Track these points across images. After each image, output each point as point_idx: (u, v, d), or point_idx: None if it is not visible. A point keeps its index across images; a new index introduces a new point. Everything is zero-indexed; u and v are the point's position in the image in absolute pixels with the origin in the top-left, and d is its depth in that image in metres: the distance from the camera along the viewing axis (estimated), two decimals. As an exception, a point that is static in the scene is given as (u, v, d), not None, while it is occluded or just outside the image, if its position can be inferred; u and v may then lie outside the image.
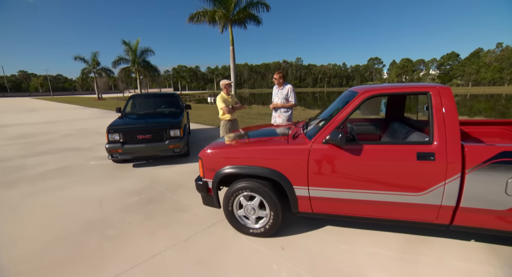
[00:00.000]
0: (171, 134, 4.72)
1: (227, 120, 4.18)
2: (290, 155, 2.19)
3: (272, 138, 2.61)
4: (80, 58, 36.17)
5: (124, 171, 4.51)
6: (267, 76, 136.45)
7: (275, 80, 4.22)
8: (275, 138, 2.55)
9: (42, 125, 10.70)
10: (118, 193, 3.57)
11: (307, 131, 2.47)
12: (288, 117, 4.27)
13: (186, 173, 4.37)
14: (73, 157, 5.46)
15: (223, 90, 4.20)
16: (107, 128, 4.52)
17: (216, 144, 2.65)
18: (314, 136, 2.18)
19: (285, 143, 2.29)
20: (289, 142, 2.29)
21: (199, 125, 9.82)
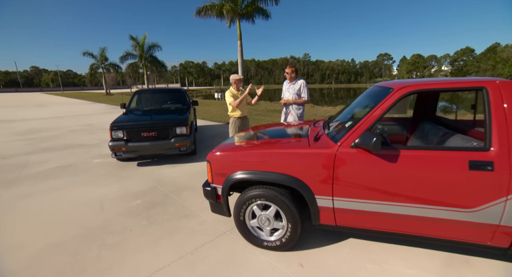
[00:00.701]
0: (177, 132, 4.47)
1: (237, 117, 3.89)
2: (313, 160, 1.89)
3: (290, 139, 2.30)
4: (88, 54, 36.34)
5: (128, 170, 4.30)
6: (274, 72, 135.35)
7: (286, 75, 3.89)
8: (293, 140, 2.24)
9: (50, 120, 10.66)
10: (120, 195, 3.35)
11: (330, 131, 2.17)
12: (300, 114, 3.94)
13: (193, 173, 4.13)
14: (77, 155, 5.29)
15: (232, 86, 3.91)
16: (110, 125, 4.30)
17: (226, 145, 2.38)
18: (340, 139, 1.87)
19: (306, 146, 1.99)
20: (310, 145, 1.99)
21: (207, 122, 9.58)
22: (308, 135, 2.26)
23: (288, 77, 3.90)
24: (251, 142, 2.37)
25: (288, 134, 2.59)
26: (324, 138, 2.07)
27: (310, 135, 2.24)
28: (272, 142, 2.24)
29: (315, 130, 2.43)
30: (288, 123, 3.22)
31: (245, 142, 2.40)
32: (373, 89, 2.36)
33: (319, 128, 2.47)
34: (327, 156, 1.85)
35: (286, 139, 2.32)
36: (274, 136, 2.52)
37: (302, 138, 2.18)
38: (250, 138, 2.52)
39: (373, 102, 1.98)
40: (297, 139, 2.23)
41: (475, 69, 70.88)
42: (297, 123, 3.21)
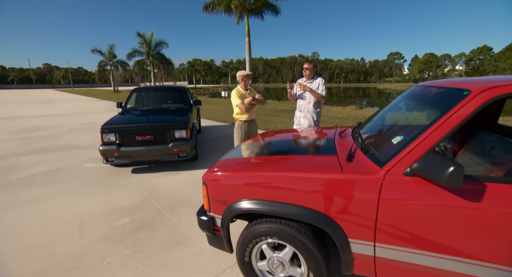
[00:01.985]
0: (176, 136, 3.97)
1: (243, 121, 3.36)
2: (347, 190, 1.34)
3: (313, 157, 1.73)
4: (97, 51, 36.45)
5: (120, 178, 3.83)
6: (282, 70, 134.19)
7: (306, 71, 3.33)
8: (318, 158, 1.68)
9: (52, 118, 10.39)
10: (106, 211, 2.87)
11: (367, 147, 1.61)
12: (316, 118, 3.38)
13: (192, 183, 3.62)
14: (69, 157, 4.87)
15: (240, 83, 3.37)
16: (101, 127, 3.83)
17: (228, 161, 1.84)
18: (388, 162, 1.31)
19: (336, 168, 1.44)
20: (343, 167, 1.44)
21: (212, 122, 9.09)
22: (337, 151, 1.71)
23: (307, 74, 3.34)
24: (261, 157, 1.82)
25: (309, 148, 2.02)
26: (360, 158, 1.51)
27: (340, 151, 1.69)
28: (289, 160, 1.69)
29: (344, 142, 1.87)
30: (305, 130, 2.66)
31: (253, 158, 1.85)
32: (423, 90, 1.79)
33: (348, 140, 1.91)
34: (369, 186, 1.30)
35: (307, 156, 1.75)
36: (291, 150, 1.96)
37: (330, 156, 1.63)
38: (259, 151, 1.97)
39: (433, 109, 1.42)
40: (323, 156, 1.67)
41: (493, 68, 68.12)
42: (316, 130, 2.64)
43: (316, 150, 1.86)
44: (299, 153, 1.80)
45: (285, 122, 8.57)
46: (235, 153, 2.02)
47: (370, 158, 1.46)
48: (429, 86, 1.74)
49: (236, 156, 1.91)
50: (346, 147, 1.75)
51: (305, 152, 1.86)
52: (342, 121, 8.80)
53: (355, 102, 28.65)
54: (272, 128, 7.50)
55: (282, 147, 2.05)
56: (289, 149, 1.97)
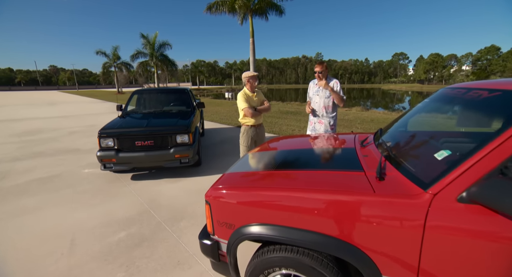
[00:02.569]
0: (177, 140, 3.75)
1: (250, 126, 3.12)
2: (382, 216, 1.09)
3: (336, 172, 1.46)
4: (101, 53, 36.67)
5: (119, 186, 3.61)
6: (286, 71, 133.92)
7: (319, 76, 3.07)
8: (341, 174, 1.42)
9: (54, 120, 10.27)
10: (102, 223, 2.65)
11: (396, 160, 1.36)
12: (333, 123, 3.13)
13: (195, 192, 3.39)
14: (67, 162, 4.68)
15: (246, 85, 3.13)
16: (98, 132, 3.62)
17: (234, 176, 1.60)
18: (434, 183, 1.05)
19: (366, 188, 1.19)
20: (374, 187, 1.18)
21: (215, 124, 8.87)
22: (362, 165, 1.45)
23: (320, 77, 3.08)
24: (274, 172, 1.55)
25: (329, 160, 1.76)
26: (394, 176, 1.25)
27: (366, 165, 1.43)
28: (307, 176, 1.44)
29: (368, 154, 1.61)
30: (320, 137, 2.40)
31: (265, 172, 1.59)
32: (464, 94, 1.52)
33: (373, 151, 1.66)
34: (411, 214, 1.04)
35: (328, 171, 1.47)
36: (308, 163, 1.71)
37: (355, 172, 1.37)
38: (271, 163, 1.71)
39: (492, 116, 1.17)
40: (347, 172, 1.40)
41: (501, 68, 66.94)
42: (332, 137, 2.37)
43: (338, 164, 1.59)
44: (318, 167, 1.54)
45: (291, 124, 8.32)
46: (242, 165, 1.77)
47: (407, 176, 1.20)
48: (471, 88, 1.47)
49: (244, 170, 1.67)
50: (373, 160, 1.50)
51: (325, 165, 1.60)
52: (350, 123, 8.51)
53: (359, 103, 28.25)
54: (278, 131, 7.26)
55: (297, 158, 1.79)
56: (306, 161, 1.70)
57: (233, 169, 1.74)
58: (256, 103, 3.14)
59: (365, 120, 9.36)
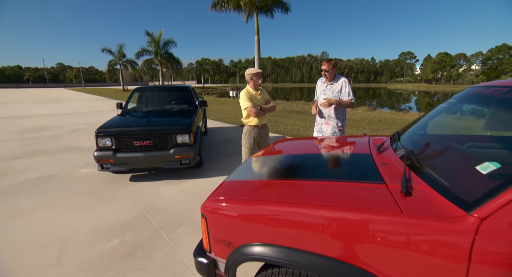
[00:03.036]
0: (177, 141, 3.58)
1: (253, 126, 2.93)
2: (412, 242, 0.89)
3: (352, 183, 1.24)
4: (107, 50, 36.82)
5: (117, 187, 3.46)
6: (291, 70, 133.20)
7: (325, 75, 2.86)
8: (359, 186, 1.20)
9: (57, 117, 10.24)
10: (95, 229, 2.49)
11: (423, 170, 1.15)
12: (341, 124, 2.92)
13: (196, 194, 3.22)
14: (66, 161, 4.56)
15: (249, 83, 2.94)
16: (96, 131, 3.48)
17: (234, 185, 1.41)
18: (482, 204, 0.85)
19: (391, 206, 0.98)
20: (400, 204, 0.98)
21: (219, 123, 8.71)
22: (382, 175, 1.25)
23: (326, 75, 2.87)
24: (280, 181, 1.36)
25: (343, 168, 1.55)
26: (424, 191, 1.05)
27: (387, 176, 1.23)
28: (319, 187, 1.23)
29: (388, 162, 1.41)
30: (329, 140, 2.19)
31: (270, 182, 1.39)
32: (506, 94, 1.30)
33: (392, 158, 1.45)
34: (452, 241, 0.84)
35: (343, 182, 1.27)
36: (319, 171, 1.51)
37: (375, 184, 1.17)
38: (277, 171, 1.50)
39: None
40: (366, 184, 1.19)
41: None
42: (343, 141, 2.16)
43: (353, 173, 1.38)
44: (331, 177, 1.34)
45: (296, 124, 8.10)
46: (244, 172, 1.58)
47: (441, 192, 1.00)
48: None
49: (246, 178, 1.48)
50: (394, 169, 1.29)
51: (338, 175, 1.39)
52: (357, 124, 8.26)
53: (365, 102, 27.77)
54: (283, 131, 7.05)
55: (306, 165, 1.59)
56: (316, 169, 1.50)
57: (233, 176, 1.55)
58: (260, 102, 2.94)
59: (373, 120, 9.08)
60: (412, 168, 1.24)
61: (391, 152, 1.55)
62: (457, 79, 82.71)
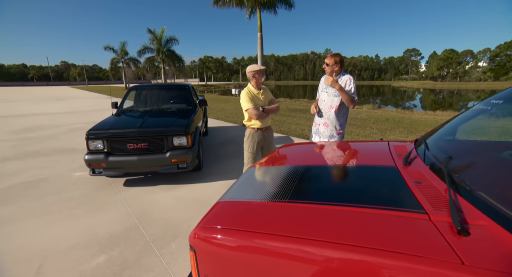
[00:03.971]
0: (174, 143, 3.34)
1: (256, 129, 2.66)
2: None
3: (380, 211, 0.93)
4: (109, 48, 36.68)
5: (109, 193, 3.23)
6: (294, 67, 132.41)
7: (326, 68, 2.56)
8: (391, 216, 0.91)
9: (57, 116, 10.07)
10: (80, 243, 2.25)
11: (483, 196, 0.88)
12: (339, 126, 2.61)
13: (193, 202, 2.98)
14: (59, 163, 4.35)
15: (251, 81, 2.67)
16: (86, 133, 3.24)
17: (232, 207, 1.14)
18: None
19: (446, 253, 0.72)
20: (458, 251, 0.71)
21: (220, 122, 8.45)
22: (419, 200, 0.97)
23: (328, 71, 2.58)
24: (287, 205, 1.07)
25: (367, 188, 1.21)
26: (486, 227, 0.78)
27: (426, 200, 0.96)
28: (336, 216, 0.96)
29: (422, 179, 1.13)
30: (346, 147, 1.91)
31: (275, 206, 1.10)
32: None
33: (426, 174, 1.17)
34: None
35: (367, 208, 0.96)
36: (336, 191, 1.20)
37: (412, 213, 0.89)
38: (283, 188, 1.22)
39: None
40: (400, 213, 0.90)
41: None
42: (363, 148, 1.88)
43: (380, 194, 1.08)
44: (352, 200, 1.05)
45: (300, 123, 7.81)
46: (244, 188, 1.32)
47: (511, 230, 0.73)
48: None
49: (247, 197, 1.21)
50: (432, 191, 1.02)
51: (362, 197, 1.08)
52: (363, 123, 7.94)
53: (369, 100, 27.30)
54: (286, 130, 6.77)
55: (321, 181, 1.30)
56: (333, 188, 1.22)
57: (231, 193, 1.29)
58: (262, 102, 2.67)
59: (379, 119, 8.76)
60: (456, 189, 0.97)
61: (422, 165, 1.28)
62: (463, 76, 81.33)
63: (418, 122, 8.30)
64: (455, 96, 37.80)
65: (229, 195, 1.27)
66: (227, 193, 1.31)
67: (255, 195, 1.19)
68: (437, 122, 8.33)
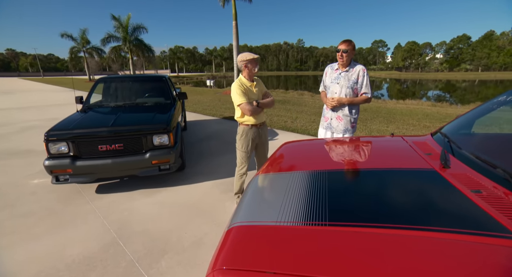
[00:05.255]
0: (154, 142, 2.95)
1: (250, 126, 2.39)
2: None
3: (452, 236, 0.72)
4: (67, 36, 33.21)
5: (79, 203, 2.78)
6: (267, 58, 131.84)
7: (341, 57, 2.36)
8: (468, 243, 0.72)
9: (7, 112, 8.80)
10: (44, 271, 1.85)
11: None
12: (354, 120, 2.48)
13: (179, 208, 2.66)
14: (12, 169, 3.71)
15: (242, 72, 2.37)
16: (45, 134, 2.72)
17: (254, 238, 0.87)
18: None
19: None
20: None
21: (198, 115, 7.99)
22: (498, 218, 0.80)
23: (342, 60, 2.37)
24: (329, 230, 0.80)
25: (414, 198, 1.00)
26: None
27: (503, 218, 0.78)
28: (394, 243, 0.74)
29: (478, 186, 0.96)
30: (357, 144, 1.72)
31: (313, 230, 0.83)
32: None
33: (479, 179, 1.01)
34: None
35: (437, 232, 0.75)
36: (383, 208, 0.96)
37: (500, 239, 0.72)
38: (315, 208, 0.95)
39: None
40: (477, 238, 0.73)
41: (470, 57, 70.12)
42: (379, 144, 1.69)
43: (445, 212, 0.88)
44: (414, 220, 0.82)
45: (281, 114, 7.64)
46: (261, 206, 1.06)
47: None
48: None
49: (270, 219, 0.94)
50: (503, 203, 0.85)
51: (423, 216, 0.87)
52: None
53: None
54: (269, 123, 6.54)
55: (355, 190, 1.07)
56: (379, 202, 0.99)
57: (247, 214, 1.02)
58: (256, 96, 2.40)
59: (368, 110, 8.90)
60: None
61: (463, 167, 1.12)
62: (424, 67, 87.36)
63: (394, 111, 8.59)
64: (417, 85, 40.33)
65: (244, 216, 1.01)
66: (240, 212, 1.05)
67: (281, 216, 0.94)
68: (411, 111, 8.69)
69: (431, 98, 22.29)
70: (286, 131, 5.82)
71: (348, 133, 2.47)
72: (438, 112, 8.68)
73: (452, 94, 26.72)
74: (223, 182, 3.24)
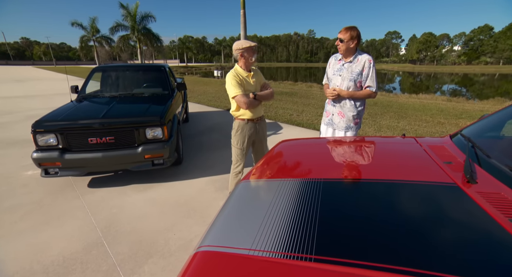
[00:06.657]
0: (147, 135, 2.79)
1: (247, 120, 2.18)
2: None
3: None
4: (77, 24, 33.29)
5: (69, 197, 2.68)
6: (277, 49, 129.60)
7: (342, 46, 2.11)
8: None
9: (14, 100, 8.87)
10: (20, 272, 1.74)
11: None
12: (357, 116, 2.23)
13: (171, 207, 2.51)
14: (8, 159, 3.65)
15: (238, 61, 2.15)
16: (32, 126, 2.60)
17: (220, 265, 0.70)
18: None
19: None
20: None
21: (202, 107, 7.82)
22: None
23: (343, 49, 2.12)
24: (317, 269, 0.62)
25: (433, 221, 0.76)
26: None
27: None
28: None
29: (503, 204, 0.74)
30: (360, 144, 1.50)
31: (294, 265, 0.65)
32: None
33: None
34: None
35: None
36: (393, 237, 0.73)
37: None
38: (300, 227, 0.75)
39: None
40: None
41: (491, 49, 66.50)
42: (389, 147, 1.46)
43: (480, 251, 0.66)
44: (438, 264, 0.59)
45: (287, 107, 7.38)
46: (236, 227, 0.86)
47: None
48: None
49: (244, 245, 0.74)
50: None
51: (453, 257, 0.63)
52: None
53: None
54: (274, 116, 6.31)
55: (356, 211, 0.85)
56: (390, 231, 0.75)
57: (217, 236, 0.83)
58: (253, 87, 2.18)
59: (368, 103, 8.46)
60: None
61: (494, 182, 0.89)
62: (440, 59, 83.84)
63: (406, 106, 8.16)
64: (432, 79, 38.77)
65: (215, 238, 0.82)
66: (211, 232, 0.86)
67: (257, 242, 0.75)
68: (424, 106, 8.24)
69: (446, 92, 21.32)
70: (291, 125, 5.58)
71: (351, 131, 2.23)
72: (454, 107, 8.19)
73: (469, 88, 25.48)
74: (220, 179, 3.07)
